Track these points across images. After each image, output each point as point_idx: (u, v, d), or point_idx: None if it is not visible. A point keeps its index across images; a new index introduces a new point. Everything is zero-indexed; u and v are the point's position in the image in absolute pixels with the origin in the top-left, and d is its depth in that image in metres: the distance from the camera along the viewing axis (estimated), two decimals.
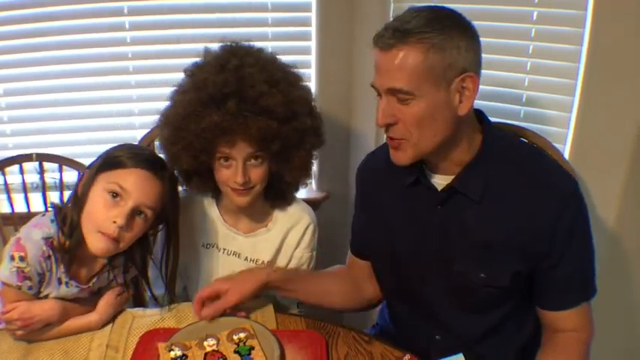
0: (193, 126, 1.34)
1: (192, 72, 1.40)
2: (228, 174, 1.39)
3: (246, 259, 1.52)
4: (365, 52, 1.89)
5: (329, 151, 2.06)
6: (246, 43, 1.43)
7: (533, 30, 1.68)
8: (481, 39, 1.17)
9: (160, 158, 1.36)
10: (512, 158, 1.27)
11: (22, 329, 1.28)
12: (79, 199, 1.30)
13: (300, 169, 1.45)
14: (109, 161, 1.29)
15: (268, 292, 1.44)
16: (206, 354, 1.24)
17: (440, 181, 1.29)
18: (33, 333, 1.30)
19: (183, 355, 1.23)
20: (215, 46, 1.42)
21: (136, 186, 1.27)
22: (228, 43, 1.42)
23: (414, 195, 1.33)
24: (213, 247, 1.53)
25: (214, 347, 1.25)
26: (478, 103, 1.38)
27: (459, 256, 1.29)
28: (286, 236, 1.53)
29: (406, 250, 1.37)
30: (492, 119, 1.61)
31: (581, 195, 1.27)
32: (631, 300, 1.76)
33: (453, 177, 1.27)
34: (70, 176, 1.83)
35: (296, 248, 1.54)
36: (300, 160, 1.42)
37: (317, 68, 1.99)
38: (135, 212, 1.28)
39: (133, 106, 2.03)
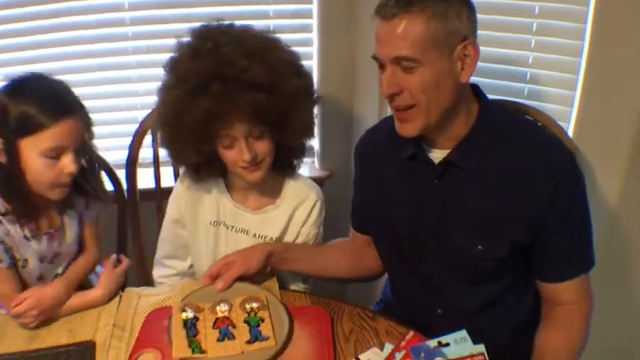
0: (186, 119, 1.33)
1: (171, 66, 1.38)
2: (234, 155, 1.38)
3: (254, 235, 1.52)
4: (367, 30, 1.87)
5: (331, 130, 2.08)
6: (215, 23, 1.40)
7: (537, 7, 1.66)
8: (485, 16, 1.17)
9: (63, 92, 1.34)
10: (509, 131, 1.27)
11: (37, 318, 1.28)
12: (7, 167, 1.29)
13: (302, 130, 1.44)
14: (26, 125, 1.26)
15: (274, 270, 1.45)
16: (217, 319, 1.26)
17: (437, 155, 1.31)
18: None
19: (195, 317, 1.26)
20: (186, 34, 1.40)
21: (68, 136, 1.29)
22: (198, 27, 1.39)
23: (412, 169, 1.34)
24: (220, 224, 1.53)
25: (226, 314, 1.27)
26: (482, 81, 1.38)
27: (457, 230, 1.30)
28: (294, 213, 1.53)
29: (405, 225, 1.38)
30: (496, 97, 1.63)
31: (579, 167, 1.28)
32: (632, 279, 1.77)
33: (449, 151, 1.28)
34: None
35: (303, 225, 1.54)
36: (299, 122, 1.41)
37: (318, 47, 1.98)
38: (76, 153, 1.32)
39: (134, 86, 2.01)
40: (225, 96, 1.29)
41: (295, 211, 1.53)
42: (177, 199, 1.55)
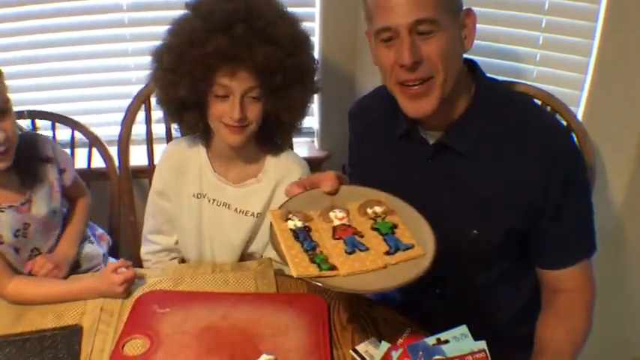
0: (197, 51, 1.31)
1: (195, 6, 1.37)
2: (225, 108, 1.36)
3: (235, 210, 1.49)
4: None
5: (331, 111, 2.04)
6: None
7: None
8: None
9: None
10: (505, 112, 1.23)
11: (57, 273, 1.37)
12: None
13: (299, 108, 1.43)
14: None
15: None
16: (334, 228, 1.02)
17: (431, 135, 1.26)
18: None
19: (305, 226, 1.01)
20: None
21: None
22: None
23: (405, 148, 1.30)
24: (203, 197, 1.51)
25: (344, 221, 1.03)
26: (489, 61, 1.33)
27: (451, 213, 1.26)
28: (277, 188, 1.49)
29: None
30: (505, 79, 1.58)
31: (578, 149, 1.25)
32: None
33: (443, 132, 1.24)
34: (64, 134, 1.77)
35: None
36: (298, 97, 1.40)
37: (320, 24, 1.92)
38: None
39: (129, 60, 1.95)
40: (244, 40, 1.29)
41: (278, 186, 1.49)
42: (161, 170, 1.54)
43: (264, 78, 1.33)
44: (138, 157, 1.80)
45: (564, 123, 1.50)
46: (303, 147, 2.07)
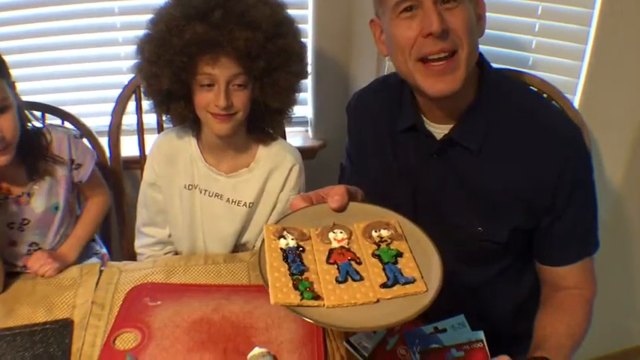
0: (176, 40, 1.29)
1: None
2: (210, 97, 1.34)
3: (227, 200, 1.48)
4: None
5: (326, 99, 2.02)
6: None
7: None
8: None
9: None
10: (514, 106, 1.20)
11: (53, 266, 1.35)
12: None
13: (286, 93, 1.40)
14: None
15: None
16: (331, 251, 0.91)
17: (437, 129, 1.23)
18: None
19: (299, 247, 0.91)
20: None
21: None
22: None
23: (409, 142, 1.27)
24: (195, 188, 1.50)
25: (343, 243, 0.92)
26: (485, 49, 1.30)
27: (455, 209, 1.24)
28: (269, 177, 1.49)
29: (399, 202, 1.30)
30: (500, 66, 1.56)
31: (586, 145, 1.23)
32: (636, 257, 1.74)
33: (450, 126, 1.21)
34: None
35: (281, 191, 1.50)
36: (284, 82, 1.37)
37: (314, 11, 1.90)
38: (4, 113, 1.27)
39: (119, 49, 1.93)
40: (223, 26, 1.27)
41: (270, 175, 1.48)
42: (153, 161, 1.52)
43: (247, 64, 1.30)
44: (129, 147, 1.78)
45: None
46: (297, 137, 2.05)
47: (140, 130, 1.73)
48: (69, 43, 1.90)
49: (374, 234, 0.93)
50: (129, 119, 1.73)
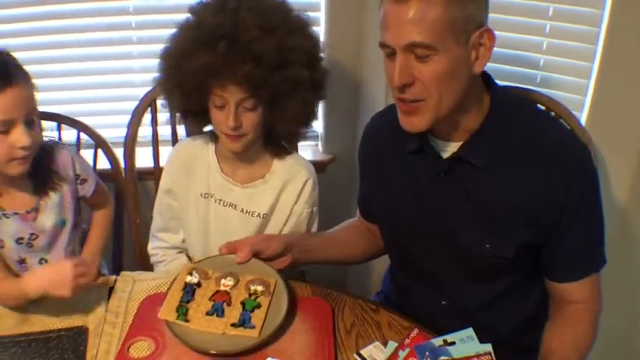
0: (185, 64, 1.33)
1: (195, 10, 1.38)
2: (221, 117, 1.37)
3: (242, 210, 1.50)
4: (375, 12, 1.81)
5: (336, 113, 2.04)
6: None
7: None
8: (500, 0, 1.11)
9: (3, 62, 1.27)
10: (521, 125, 1.21)
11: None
12: None
13: (293, 120, 1.41)
14: None
15: (297, 262, 1.42)
16: (217, 292, 1.24)
17: (445, 148, 1.25)
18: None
19: (198, 283, 1.25)
20: None
21: (17, 106, 1.25)
22: None
23: (417, 163, 1.29)
24: (210, 197, 1.51)
25: (228, 289, 1.25)
26: (493, 67, 1.32)
27: (462, 227, 1.26)
28: (283, 190, 1.50)
29: (408, 220, 1.33)
30: (508, 84, 1.58)
31: (593, 162, 1.23)
32: None
33: (458, 144, 1.22)
34: (69, 135, 1.78)
35: (295, 204, 1.52)
36: (292, 110, 1.39)
37: (326, 27, 1.92)
38: (28, 124, 1.27)
39: (134, 62, 1.96)
40: (226, 58, 1.29)
41: (284, 187, 1.50)
42: (170, 168, 1.55)
43: (253, 91, 1.33)
44: (143, 158, 1.80)
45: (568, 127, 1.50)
46: (307, 150, 2.07)
47: (155, 142, 1.75)
48: (86, 56, 1.94)
49: (252, 287, 1.24)
50: (143, 131, 1.76)
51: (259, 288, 1.25)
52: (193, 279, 1.25)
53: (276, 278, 1.28)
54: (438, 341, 1.05)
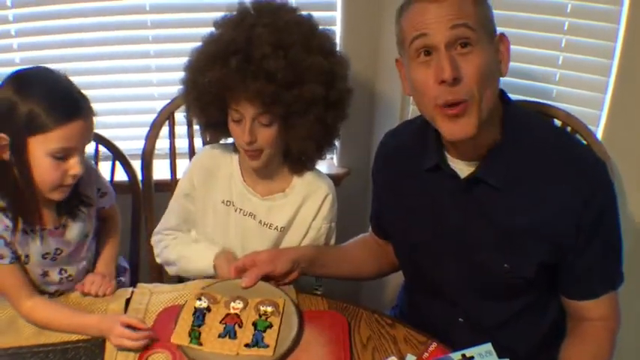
0: (200, 79, 1.35)
1: (219, 24, 1.40)
2: (238, 131, 1.38)
3: (260, 222, 1.50)
4: (392, 25, 1.83)
5: (351, 127, 2.01)
6: (280, 1, 1.41)
7: (570, 5, 1.60)
8: (514, 14, 1.13)
9: (72, 91, 1.30)
10: (537, 142, 1.21)
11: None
12: (7, 164, 1.27)
13: (306, 139, 1.41)
14: (36, 123, 1.23)
15: (307, 274, 1.44)
16: (227, 314, 1.25)
17: (462, 167, 1.25)
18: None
19: (208, 307, 1.26)
20: None
21: (77, 138, 1.27)
22: (260, 0, 1.39)
23: (434, 181, 1.29)
24: (231, 204, 1.52)
25: (238, 311, 1.26)
26: (510, 81, 1.33)
27: (480, 246, 1.25)
28: (302, 204, 1.50)
29: (425, 239, 1.33)
30: (524, 98, 1.58)
31: (611, 181, 1.23)
32: None
33: (475, 163, 1.22)
34: (87, 147, 1.79)
35: (314, 219, 1.51)
36: (305, 129, 1.38)
37: (341, 40, 1.94)
38: (82, 155, 1.31)
39: (152, 76, 1.98)
40: (238, 74, 1.29)
41: (304, 202, 1.50)
42: (192, 173, 1.55)
43: (267, 107, 1.33)
44: (160, 170, 1.82)
45: (584, 142, 1.50)
46: (322, 164, 2.04)
47: (172, 155, 1.77)
48: (104, 69, 1.96)
49: (261, 308, 1.26)
50: (160, 143, 1.77)
51: (269, 309, 1.26)
52: (203, 304, 1.26)
53: (285, 298, 1.30)
54: (456, 355, 1.05)
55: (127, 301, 1.36)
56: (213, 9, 1.73)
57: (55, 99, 1.25)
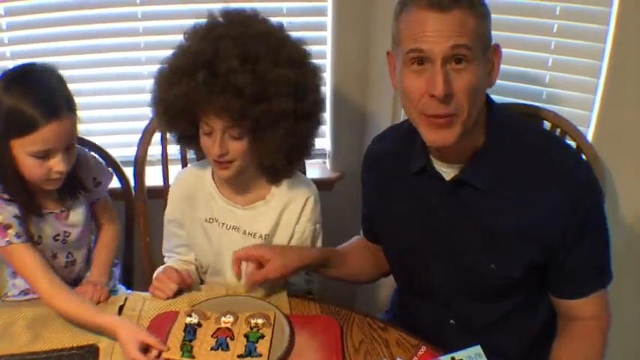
0: (168, 92, 1.33)
1: (187, 36, 1.38)
2: (209, 143, 1.37)
3: (244, 232, 1.50)
4: (382, 29, 1.83)
5: (343, 131, 2.05)
6: (250, 11, 1.39)
7: (558, 8, 1.61)
8: (504, 17, 1.13)
9: (53, 91, 1.31)
10: (522, 144, 1.22)
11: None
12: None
13: (276, 152, 1.38)
14: (15, 125, 1.25)
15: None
16: (218, 329, 1.25)
17: (448, 170, 1.26)
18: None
19: (198, 323, 1.26)
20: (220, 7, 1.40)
21: (59, 138, 1.29)
22: (226, 9, 1.38)
23: (420, 184, 1.30)
24: (215, 221, 1.52)
25: (229, 325, 1.26)
26: (499, 83, 1.33)
27: (468, 248, 1.26)
28: (284, 209, 1.49)
29: (413, 242, 1.34)
30: (514, 100, 1.59)
31: (596, 180, 1.24)
32: None
33: (460, 166, 1.23)
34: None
35: (297, 222, 1.50)
36: (274, 143, 1.36)
37: (332, 46, 1.95)
38: (66, 149, 1.32)
39: (144, 82, 1.98)
40: (205, 88, 1.28)
41: (286, 207, 1.49)
42: (172, 199, 1.56)
43: (234, 121, 1.32)
44: (152, 177, 1.81)
45: (573, 144, 1.51)
46: (315, 168, 2.08)
47: (164, 161, 1.76)
48: (96, 76, 1.96)
49: (252, 320, 1.27)
50: (152, 150, 1.77)
51: (260, 321, 1.26)
52: (193, 320, 1.26)
53: (275, 311, 1.31)
54: (446, 358, 1.06)
55: (121, 308, 1.37)
56: (205, 16, 1.74)
57: (29, 103, 1.25)
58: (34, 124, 1.25)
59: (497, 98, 1.29)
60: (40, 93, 1.28)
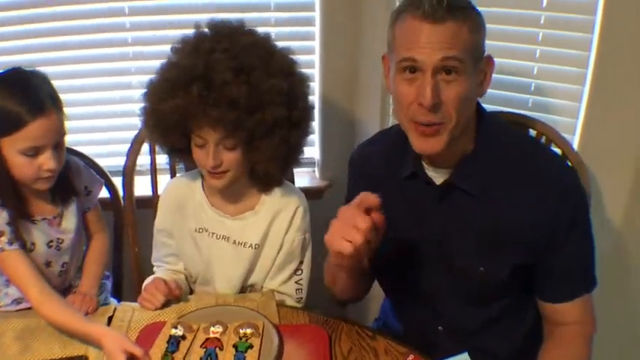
0: (161, 106, 1.34)
1: (175, 49, 1.39)
2: (202, 155, 1.37)
3: (234, 242, 1.50)
4: (370, 38, 1.85)
5: (332, 139, 2.05)
6: (236, 22, 1.40)
7: (543, 17, 1.63)
8: (490, 25, 1.14)
9: (38, 89, 1.32)
10: (510, 151, 1.25)
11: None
12: None
13: (271, 160, 1.40)
14: (5, 123, 1.28)
15: None
16: (207, 339, 1.26)
17: (438, 175, 1.27)
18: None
19: (183, 335, 1.26)
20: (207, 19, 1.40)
21: (47, 133, 1.31)
22: (212, 21, 1.39)
23: (410, 188, 1.31)
24: (205, 231, 1.52)
25: (218, 335, 1.26)
26: (487, 91, 1.35)
27: (458, 251, 1.28)
28: (274, 219, 1.50)
29: (403, 246, 1.34)
30: (500, 108, 1.60)
31: (582, 187, 1.26)
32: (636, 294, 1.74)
33: (450, 170, 1.25)
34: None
35: (287, 232, 1.51)
36: (269, 151, 1.37)
37: (320, 55, 1.95)
38: (55, 147, 1.33)
39: (133, 92, 1.98)
40: (200, 101, 1.29)
41: (275, 217, 1.50)
42: (161, 209, 1.57)
43: (229, 132, 1.33)
44: (141, 187, 1.81)
45: (559, 151, 1.52)
46: (304, 177, 2.08)
47: (153, 171, 1.76)
48: (84, 86, 1.96)
49: (241, 330, 1.27)
50: (141, 159, 1.77)
51: (248, 330, 1.27)
52: (178, 332, 1.26)
53: (264, 320, 1.31)
54: None
55: (110, 318, 1.37)
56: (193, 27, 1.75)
57: (15, 102, 1.27)
58: (21, 120, 1.27)
59: (483, 106, 1.30)
60: (25, 92, 1.30)
